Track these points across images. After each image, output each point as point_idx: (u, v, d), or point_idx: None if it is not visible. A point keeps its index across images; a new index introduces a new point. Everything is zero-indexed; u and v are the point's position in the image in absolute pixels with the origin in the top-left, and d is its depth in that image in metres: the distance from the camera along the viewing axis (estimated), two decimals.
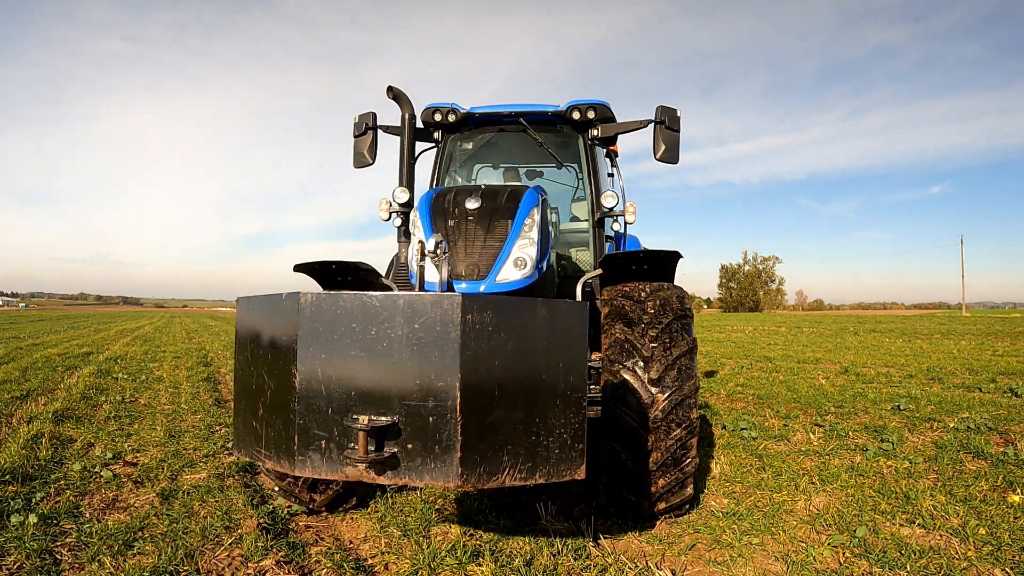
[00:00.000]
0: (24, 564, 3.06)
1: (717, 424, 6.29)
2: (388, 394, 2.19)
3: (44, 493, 4.07)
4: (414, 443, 2.18)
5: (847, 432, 5.83)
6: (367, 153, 5.10)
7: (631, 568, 3.06)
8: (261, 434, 2.41)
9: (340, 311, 2.24)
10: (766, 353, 14.98)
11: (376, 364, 2.20)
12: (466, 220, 3.67)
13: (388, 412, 2.19)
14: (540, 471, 2.28)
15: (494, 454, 2.20)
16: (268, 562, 3.09)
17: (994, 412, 6.76)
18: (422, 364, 2.17)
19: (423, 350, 2.18)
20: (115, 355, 14.08)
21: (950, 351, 15.26)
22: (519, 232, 3.63)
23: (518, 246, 3.61)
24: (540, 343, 2.30)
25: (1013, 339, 19.58)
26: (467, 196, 3.75)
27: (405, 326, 2.19)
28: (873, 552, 3.21)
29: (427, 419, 2.17)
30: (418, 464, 2.18)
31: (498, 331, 2.21)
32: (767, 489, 4.19)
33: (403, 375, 2.19)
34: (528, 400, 2.26)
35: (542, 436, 2.28)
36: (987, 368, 11.20)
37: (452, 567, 3.03)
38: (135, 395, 8.31)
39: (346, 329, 2.22)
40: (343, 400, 2.23)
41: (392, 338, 2.20)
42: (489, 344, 2.20)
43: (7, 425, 6.15)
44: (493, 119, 5.21)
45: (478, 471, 2.17)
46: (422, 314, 2.18)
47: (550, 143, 5.13)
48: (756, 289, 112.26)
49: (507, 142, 5.51)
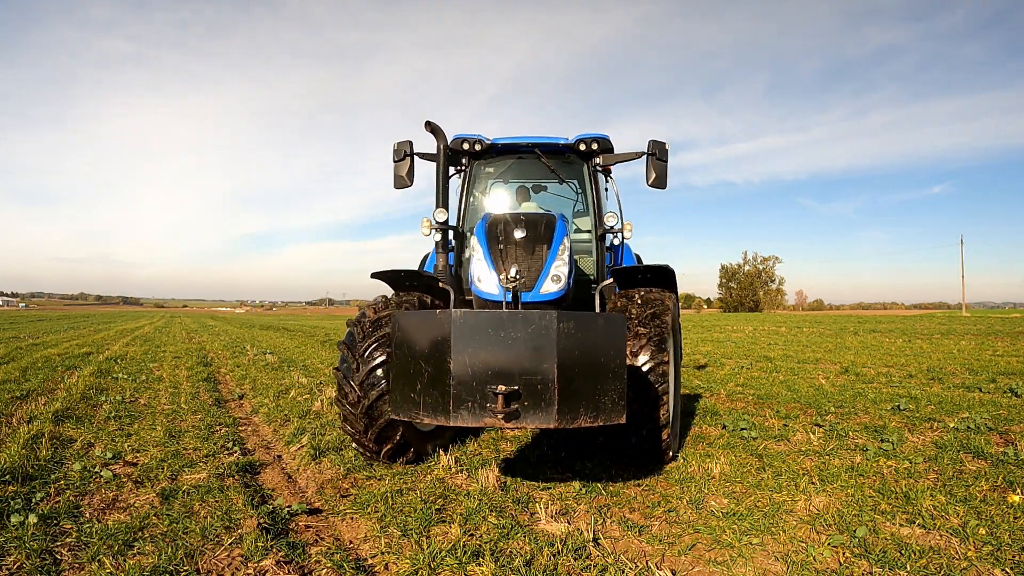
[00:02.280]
0: (24, 564, 3.06)
1: (717, 424, 6.29)
2: (512, 371, 3.37)
3: (44, 493, 4.07)
4: (529, 401, 3.36)
5: (847, 432, 5.83)
6: (406, 176, 5.85)
7: (631, 568, 3.06)
8: (419, 401, 3.51)
9: (479, 321, 3.41)
10: (766, 353, 14.98)
11: (505, 353, 3.38)
12: (516, 246, 4.80)
13: (513, 383, 3.36)
14: (601, 416, 3.47)
15: (575, 407, 3.40)
16: (268, 562, 3.09)
17: (994, 412, 6.76)
18: (533, 353, 3.36)
19: (534, 344, 3.36)
20: (115, 355, 14.09)
21: (950, 351, 15.26)
22: (555, 255, 4.76)
23: (554, 266, 4.73)
24: (599, 339, 3.50)
25: (1013, 339, 19.58)
26: (515, 227, 4.85)
27: (523, 330, 3.38)
28: (873, 552, 3.21)
29: (536, 387, 3.36)
30: (531, 414, 3.36)
31: (577, 332, 3.40)
32: (767, 489, 4.19)
33: (521, 360, 3.37)
34: (593, 374, 3.45)
35: (600, 396, 3.47)
36: (987, 368, 11.19)
37: (452, 567, 3.03)
38: (135, 395, 8.31)
39: (484, 332, 3.40)
40: (483, 376, 3.38)
41: (514, 338, 3.38)
42: (572, 341, 3.38)
43: (7, 425, 6.15)
44: (512, 149, 6.16)
45: (566, 417, 3.37)
46: (533, 323, 3.37)
47: (560, 169, 6.20)
48: (756, 289, 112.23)
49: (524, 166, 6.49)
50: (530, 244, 4.79)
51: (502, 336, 3.38)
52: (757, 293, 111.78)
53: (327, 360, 13.67)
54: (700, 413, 6.88)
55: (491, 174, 6.46)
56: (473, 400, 3.37)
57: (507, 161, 6.35)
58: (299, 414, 6.91)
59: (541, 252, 4.76)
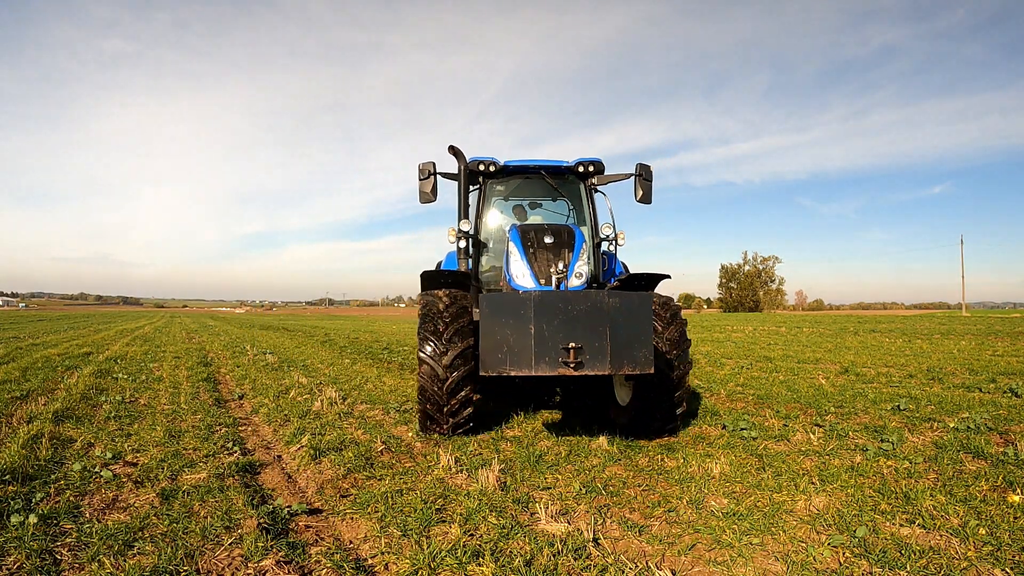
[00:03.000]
0: (24, 564, 3.06)
1: (717, 424, 6.29)
2: (576, 334, 4.53)
3: (44, 493, 4.07)
4: (590, 354, 4.53)
5: (847, 432, 5.83)
6: (430, 192, 6.76)
7: (631, 568, 3.06)
8: (506, 359, 4.60)
9: (552, 298, 4.59)
10: (766, 353, 14.98)
11: (571, 321, 4.54)
12: (546, 249, 6.01)
13: (578, 341, 4.51)
14: (638, 366, 4.62)
15: (620, 358, 4.58)
16: (268, 562, 3.09)
17: (994, 412, 6.76)
18: (591, 320, 4.53)
19: (592, 314, 4.54)
20: (115, 355, 14.08)
21: (950, 351, 15.26)
22: (578, 256, 5.97)
23: (578, 265, 5.93)
24: (635, 312, 4.67)
25: (1013, 339, 19.57)
26: (544, 233, 6.07)
27: (584, 304, 4.56)
28: (873, 552, 3.21)
29: (595, 344, 4.53)
30: (592, 364, 4.52)
31: (620, 306, 4.61)
32: (767, 489, 4.19)
33: (584, 325, 4.54)
34: (632, 336, 4.63)
35: (637, 352, 4.64)
36: (987, 368, 11.19)
37: (452, 567, 3.03)
38: (135, 395, 8.31)
39: (554, 307, 4.57)
40: (555, 337, 4.53)
41: (578, 309, 4.56)
42: (617, 312, 4.58)
43: (7, 425, 6.15)
44: (521, 170, 7.27)
45: (615, 365, 4.55)
46: (590, 299, 4.57)
47: (561, 187, 7.33)
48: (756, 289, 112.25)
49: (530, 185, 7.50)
50: (557, 248, 5.97)
51: (569, 308, 4.55)
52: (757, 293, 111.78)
53: (327, 360, 13.68)
54: (700, 413, 6.87)
55: (502, 192, 7.53)
56: (550, 355, 4.51)
57: (516, 181, 7.41)
58: (299, 414, 6.91)
59: (566, 255, 5.94)
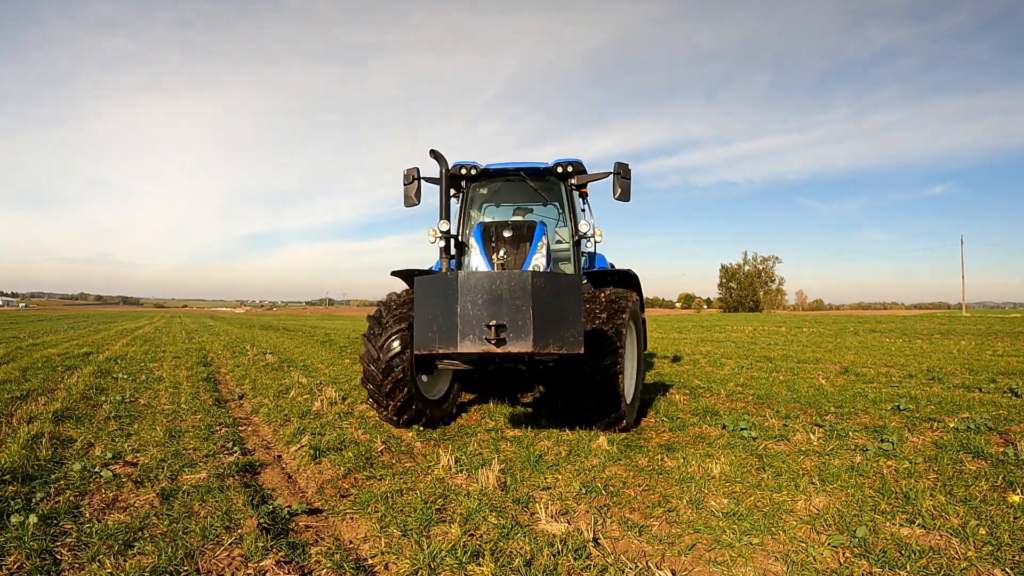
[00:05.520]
0: (24, 564, 3.06)
1: (717, 424, 6.29)
2: (500, 312, 4.56)
3: (44, 493, 4.07)
4: (513, 332, 4.55)
5: (847, 432, 5.83)
6: (414, 196, 6.94)
7: (631, 568, 3.06)
8: (435, 337, 4.68)
9: (478, 279, 4.63)
10: (766, 353, 14.98)
11: (496, 300, 4.58)
12: (504, 242, 6.26)
13: (502, 319, 4.55)
14: (565, 346, 4.64)
15: (545, 337, 4.59)
16: (268, 562, 3.09)
17: (994, 412, 6.76)
18: (515, 299, 4.56)
19: (515, 293, 4.56)
20: (115, 355, 14.08)
21: (950, 351, 15.26)
22: (535, 250, 6.15)
23: (535, 259, 6.06)
24: (562, 292, 4.69)
25: (1013, 339, 19.57)
26: (504, 228, 6.38)
27: (508, 283, 4.58)
28: (873, 552, 3.21)
29: (518, 322, 4.54)
30: (514, 342, 4.54)
31: (546, 286, 4.63)
32: (767, 489, 4.19)
33: (508, 304, 4.56)
34: (558, 315, 4.65)
35: (564, 331, 4.65)
36: (987, 368, 11.19)
37: (452, 567, 3.03)
38: (135, 395, 8.31)
39: (479, 286, 4.61)
40: (480, 316, 4.57)
41: (503, 288, 4.58)
42: (542, 292, 4.60)
43: (7, 425, 6.15)
44: (501, 173, 7.35)
45: (539, 344, 4.55)
46: (514, 279, 4.59)
47: (542, 188, 7.42)
48: (756, 289, 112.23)
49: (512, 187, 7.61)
50: (515, 242, 6.21)
51: (494, 288, 4.58)
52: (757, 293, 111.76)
53: (327, 360, 13.67)
54: (700, 413, 6.87)
55: (484, 195, 7.70)
56: (474, 333, 4.56)
57: (497, 183, 7.54)
58: (299, 414, 6.91)
59: (524, 248, 6.19)
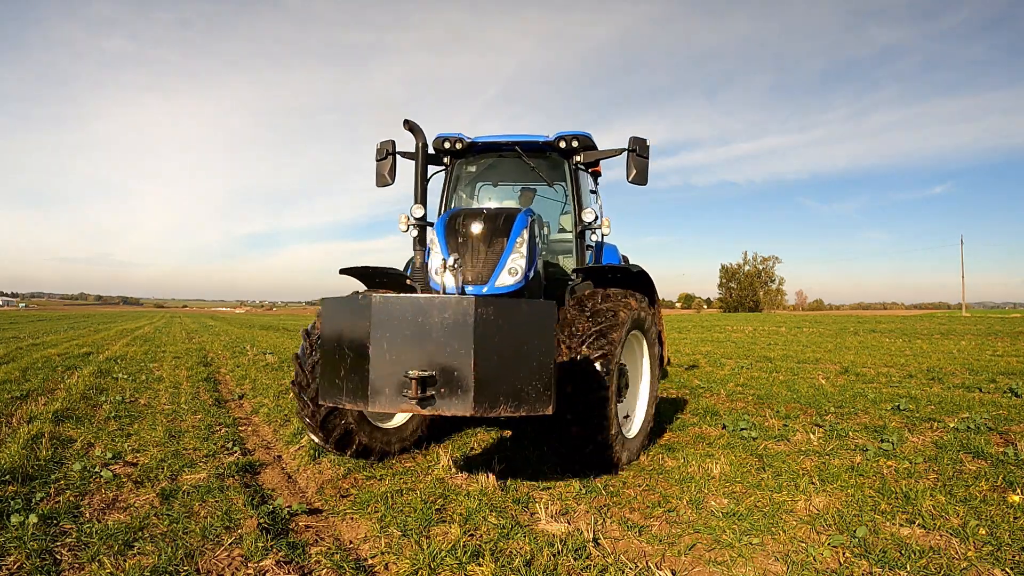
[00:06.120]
0: (24, 564, 3.06)
1: (717, 424, 6.29)
2: (429, 357, 3.28)
3: (44, 493, 4.07)
4: (445, 388, 3.28)
5: (847, 432, 5.83)
6: (387, 175, 5.89)
7: (631, 568, 3.06)
8: (342, 386, 3.45)
9: (399, 306, 3.34)
10: (766, 353, 14.98)
11: (423, 338, 3.30)
12: (473, 239, 4.73)
13: (429, 369, 3.27)
14: (524, 407, 3.36)
15: (493, 395, 3.29)
16: (268, 562, 3.09)
17: (994, 412, 6.76)
18: (450, 338, 3.26)
19: (451, 330, 3.26)
20: (115, 355, 14.08)
21: (950, 351, 15.26)
22: (512, 248, 4.68)
23: (511, 259, 4.66)
24: (523, 326, 3.39)
25: (1013, 339, 19.57)
26: (473, 219, 4.79)
27: (439, 316, 3.28)
28: (873, 552, 3.21)
29: (452, 373, 3.26)
30: (447, 401, 3.27)
31: (497, 319, 3.30)
32: (767, 489, 4.19)
33: (439, 346, 3.27)
34: (515, 362, 3.35)
35: (524, 385, 3.35)
36: (987, 368, 11.19)
37: (452, 567, 3.03)
38: (135, 395, 8.31)
39: (403, 317, 3.32)
40: (401, 361, 3.30)
41: (432, 323, 3.29)
42: (491, 326, 3.28)
43: (7, 425, 6.15)
44: (493, 147, 6.14)
45: (484, 405, 3.26)
46: (450, 308, 3.28)
47: (541, 167, 6.08)
48: (756, 289, 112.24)
49: (506, 164, 6.42)
50: (487, 237, 4.73)
51: (420, 321, 3.30)
52: (757, 293, 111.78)
53: None
54: (700, 413, 6.87)
55: (472, 173, 6.49)
56: (390, 387, 3.32)
57: (488, 159, 6.36)
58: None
59: (498, 245, 4.70)
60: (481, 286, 4.60)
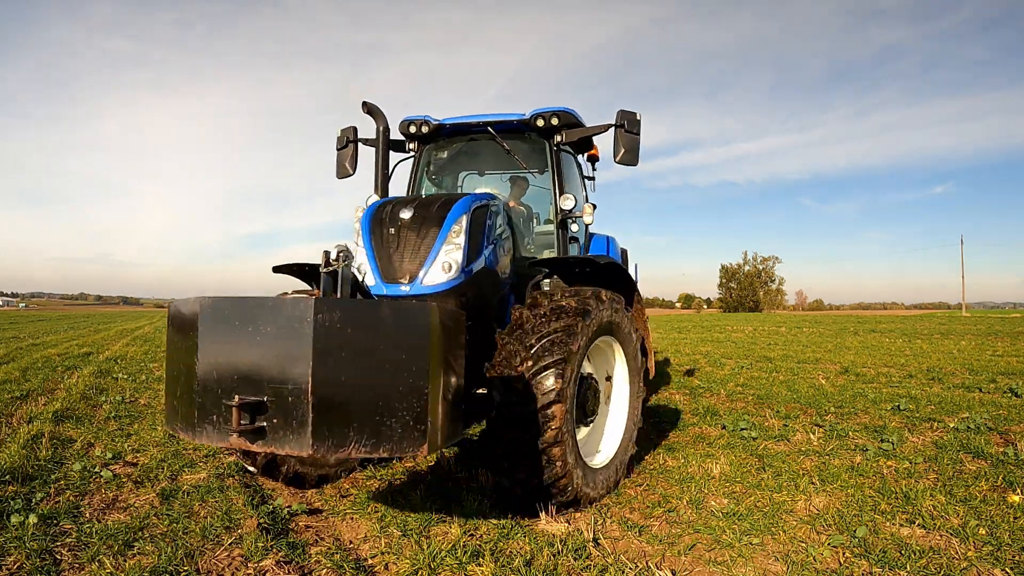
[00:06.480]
0: (24, 564, 3.06)
1: (717, 424, 6.29)
2: (260, 377, 2.54)
3: (44, 493, 4.07)
4: (278, 418, 2.52)
5: (847, 432, 5.83)
6: (348, 164, 5.44)
7: (631, 568, 3.06)
8: (177, 410, 2.79)
9: (228, 310, 2.63)
10: (766, 353, 14.98)
11: (252, 353, 2.57)
12: (400, 229, 4.02)
13: (260, 393, 2.54)
14: (384, 446, 2.58)
15: (341, 429, 2.51)
16: (268, 562, 3.10)
17: (994, 412, 6.76)
18: (284, 354, 2.52)
19: (285, 342, 2.52)
20: (115, 355, 14.08)
21: (950, 351, 15.26)
22: (445, 239, 3.95)
23: (444, 252, 3.93)
24: (385, 338, 2.61)
25: (1013, 339, 19.57)
26: (403, 207, 4.10)
27: (272, 323, 2.55)
28: (873, 552, 3.21)
29: (287, 399, 2.50)
30: (280, 435, 2.52)
31: (346, 327, 2.54)
32: (767, 489, 4.20)
33: (270, 362, 2.54)
34: (373, 386, 2.57)
35: (385, 416, 2.57)
36: (987, 368, 11.19)
37: (452, 567, 3.03)
38: (135, 395, 8.31)
39: (233, 325, 2.61)
40: (229, 382, 2.58)
41: (264, 332, 2.56)
42: (337, 337, 2.52)
43: (7, 425, 6.15)
44: (464, 129, 5.50)
45: (327, 443, 2.49)
46: (284, 313, 2.55)
47: (520, 150, 5.41)
48: (756, 289, 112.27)
49: (482, 149, 5.77)
50: (417, 227, 4.00)
51: (250, 331, 2.57)
52: (757, 293, 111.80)
53: None
54: (700, 413, 6.87)
55: (444, 160, 5.85)
56: (217, 413, 2.58)
57: (459, 144, 5.74)
58: None
59: (431, 236, 3.97)
60: (402, 285, 3.92)
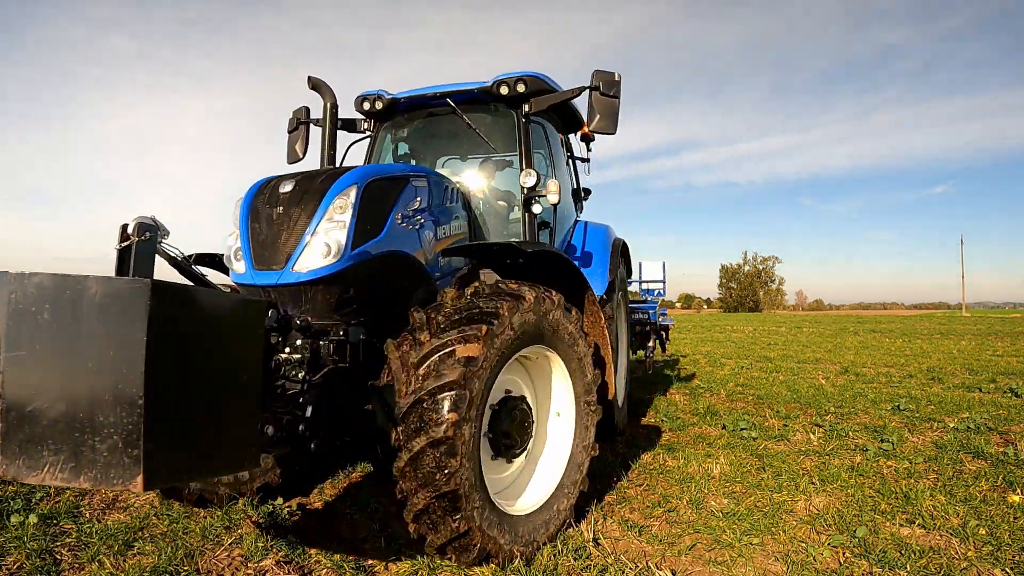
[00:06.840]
0: (24, 564, 3.06)
1: (717, 424, 6.29)
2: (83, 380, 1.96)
3: (44, 493, 4.07)
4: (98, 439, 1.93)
5: (847, 432, 5.83)
6: (298, 148, 5.00)
7: (631, 568, 3.06)
8: None
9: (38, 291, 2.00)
10: (766, 353, 14.98)
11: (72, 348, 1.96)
12: (277, 205, 3.34)
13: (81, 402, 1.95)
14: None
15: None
16: (268, 562, 3.10)
17: (994, 412, 6.76)
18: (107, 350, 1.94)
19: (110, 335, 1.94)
20: None
21: (950, 351, 15.27)
22: (324, 215, 3.27)
23: (323, 230, 3.25)
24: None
25: (1013, 339, 19.58)
26: (283, 183, 3.44)
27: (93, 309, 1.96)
28: (873, 552, 3.21)
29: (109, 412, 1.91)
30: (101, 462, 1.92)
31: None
32: (767, 489, 4.20)
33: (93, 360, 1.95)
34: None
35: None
36: (987, 368, 11.20)
37: (452, 567, 3.03)
38: None
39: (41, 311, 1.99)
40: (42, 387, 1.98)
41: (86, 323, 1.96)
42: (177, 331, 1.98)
43: None
44: (420, 102, 4.92)
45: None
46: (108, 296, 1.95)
47: (485, 123, 4.80)
48: (756, 289, 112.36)
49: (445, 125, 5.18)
50: (296, 201, 3.33)
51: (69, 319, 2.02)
52: (757, 293, 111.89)
53: None
54: (700, 413, 6.87)
55: (402, 137, 5.22)
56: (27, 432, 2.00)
57: (418, 119, 5.17)
58: None
59: (308, 212, 3.30)
60: (275, 271, 3.25)
